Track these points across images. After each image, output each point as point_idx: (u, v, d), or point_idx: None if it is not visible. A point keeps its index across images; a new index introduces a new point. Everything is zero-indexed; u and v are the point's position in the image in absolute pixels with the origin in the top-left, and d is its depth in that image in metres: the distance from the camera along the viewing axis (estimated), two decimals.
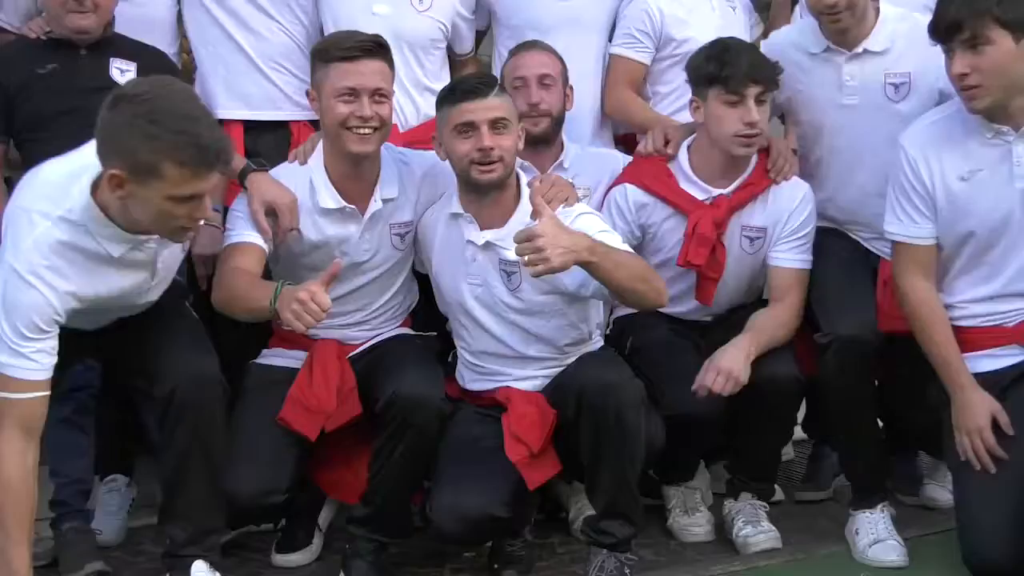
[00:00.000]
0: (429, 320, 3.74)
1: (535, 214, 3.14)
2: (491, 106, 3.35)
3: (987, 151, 3.34)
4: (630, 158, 3.85)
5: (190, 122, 2.66)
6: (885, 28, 3.64)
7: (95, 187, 2.78)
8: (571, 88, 3.85)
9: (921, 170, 3.38)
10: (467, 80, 3.51)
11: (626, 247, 3.35)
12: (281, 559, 3.62)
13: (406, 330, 3.67)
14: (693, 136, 3.73)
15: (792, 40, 3.78)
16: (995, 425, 3.30)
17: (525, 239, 3.06)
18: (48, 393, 2.86)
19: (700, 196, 3.67)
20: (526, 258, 3.06)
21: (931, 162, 3.37)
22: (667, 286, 3.64)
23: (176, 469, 3.10)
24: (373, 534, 3.40)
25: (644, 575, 3.46)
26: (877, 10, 3.66)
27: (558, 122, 3.82)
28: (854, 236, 3.76)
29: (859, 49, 3.64)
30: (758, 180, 3.68)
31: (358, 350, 3.55)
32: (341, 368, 3.46)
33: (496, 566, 3.54)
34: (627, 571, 3.34)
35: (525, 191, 3.43)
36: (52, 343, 2.84)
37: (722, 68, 3.53)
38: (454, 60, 4.16)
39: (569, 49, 3.90)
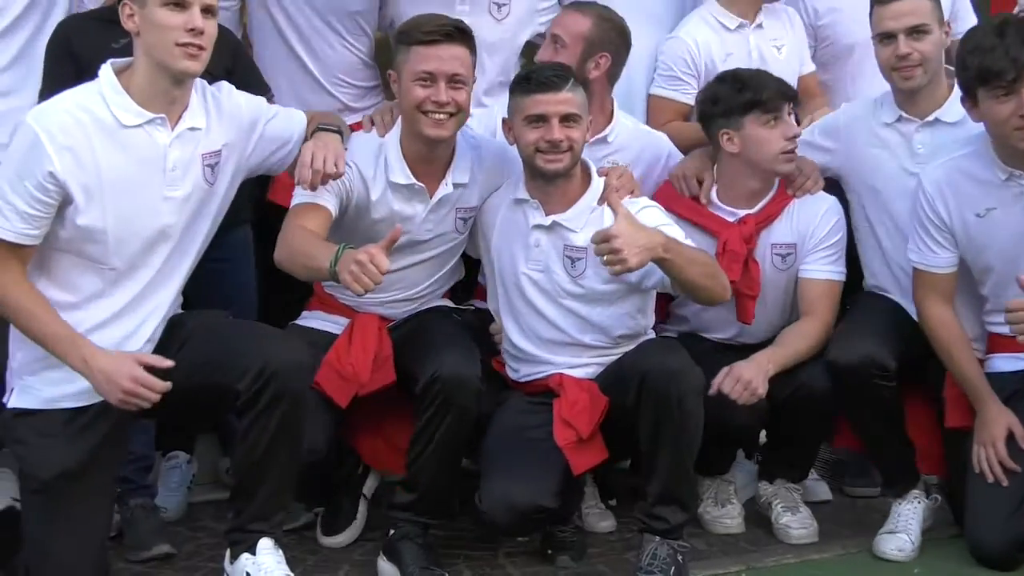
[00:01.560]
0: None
1: (607, 204, 3.16)
2: (563, 100, 3.38)
3: (1000, 191, 3.49)
4: (674, 152, 3.87)
5: None
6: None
7: (119, 72, 3.03)
8: (604, 56, 3.73)
9: (938, 206, 3.53)
10: (543, 71, 3.49)
11: (689, 241, 3.39)
12: (328, 541, 3.66)
13: (446, 302, 3.70)
14: (715, 166, 3.76)
15: (867, 108, 3.81)
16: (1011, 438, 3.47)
17: (602, 240, 3.10)
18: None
19: (728, 219, 3.71)
20: (604, 258, 3.11)
21: (947, 198, 3.52)
22: (704, 312, 3.72)
23: (263, 453, 3.05)
24: (418, 517, 3.43)
25: (696, 564, 3.49)
26: (951, 85, 3.65)
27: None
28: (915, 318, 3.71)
29: (931, 118, 3.67)
30: (781, 198, 3.74)
31: (397, 320, 3.60)
32: (380, 338, 3.49)
33: (549, 552, 3.58)
34: (680, 559, 3.36)
35: (595, 179, 3.49)
36: (39, 205, 2.92)
37: (758, 92, 3.60)
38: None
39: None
